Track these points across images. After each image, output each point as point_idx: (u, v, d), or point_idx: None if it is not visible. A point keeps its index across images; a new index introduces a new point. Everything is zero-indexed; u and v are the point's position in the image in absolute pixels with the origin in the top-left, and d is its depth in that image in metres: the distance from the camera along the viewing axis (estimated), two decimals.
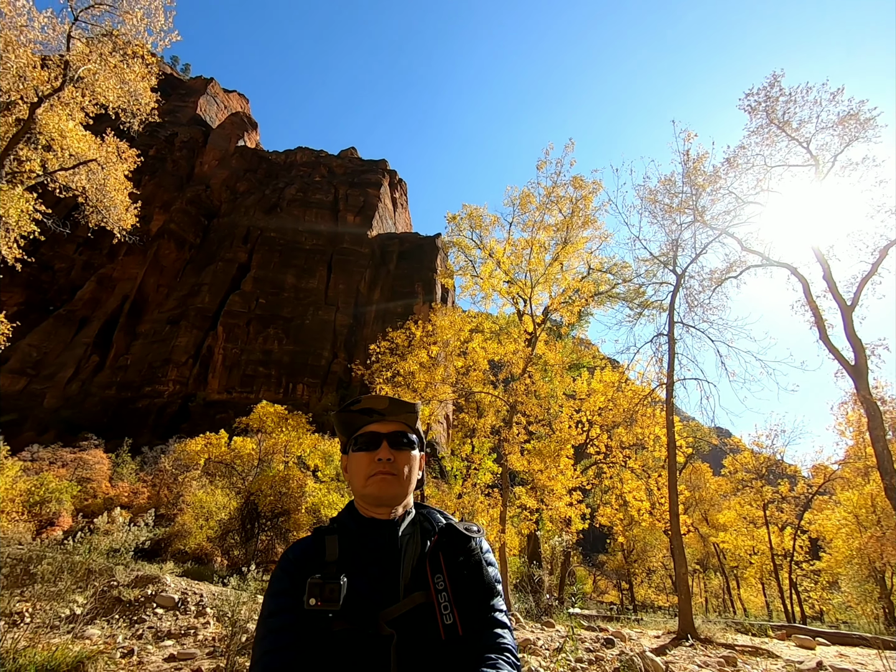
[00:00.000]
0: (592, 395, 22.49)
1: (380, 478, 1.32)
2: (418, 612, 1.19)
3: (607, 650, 6.71)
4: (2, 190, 16.68)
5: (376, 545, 1.30)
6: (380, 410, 1.38)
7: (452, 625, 1.17)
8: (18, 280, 78.28)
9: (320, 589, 1.15)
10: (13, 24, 15.70)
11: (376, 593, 1.21)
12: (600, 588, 43.77)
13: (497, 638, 1.22)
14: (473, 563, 1.28)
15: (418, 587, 1.22)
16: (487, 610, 1.28)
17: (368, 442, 1.36)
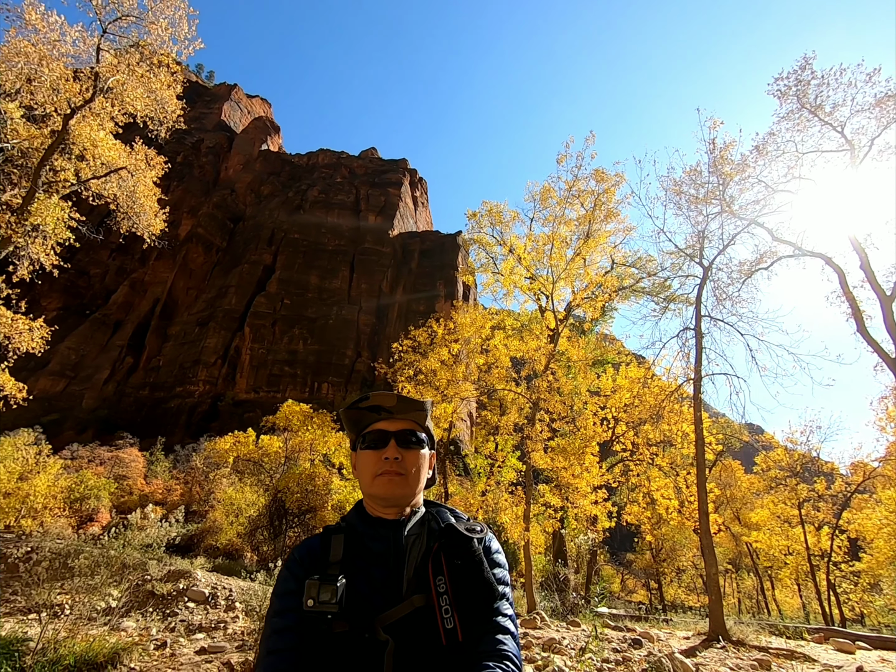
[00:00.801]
0: (618, 392, 22.12)
1: (387, 478, 1.29)
2: (418, 615, 1.16)
3: (634, 651, 6.59)
4: (39, 199, 17.39)
5: (381, 545, 1.28)
6: (388, 408, 1.36)
7: (453, 629, 1.13)
8: (57, 286, 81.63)
9: (317, 590, 1.14)
10: (47, 40, 16.27)
11: (378, 595, 1.19)
12: (628, 587, 43.10)
13: (497, 645, 1.15)
14: (473, 565, 1.22)
15: (420, 589, 1.19)
16: (489, 614, 1.21)
17: (376, 440, 1.34)
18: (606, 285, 15.04)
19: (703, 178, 13.53)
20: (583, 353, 13.79)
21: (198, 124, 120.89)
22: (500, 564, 1.32)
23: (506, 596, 1.27)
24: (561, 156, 14.16)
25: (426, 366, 14.10)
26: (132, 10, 16.86)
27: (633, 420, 20.67)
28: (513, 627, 1.22)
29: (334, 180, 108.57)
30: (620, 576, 43.12)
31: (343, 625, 1.14)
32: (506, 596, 1.27)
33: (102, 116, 17.92)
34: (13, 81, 16.92)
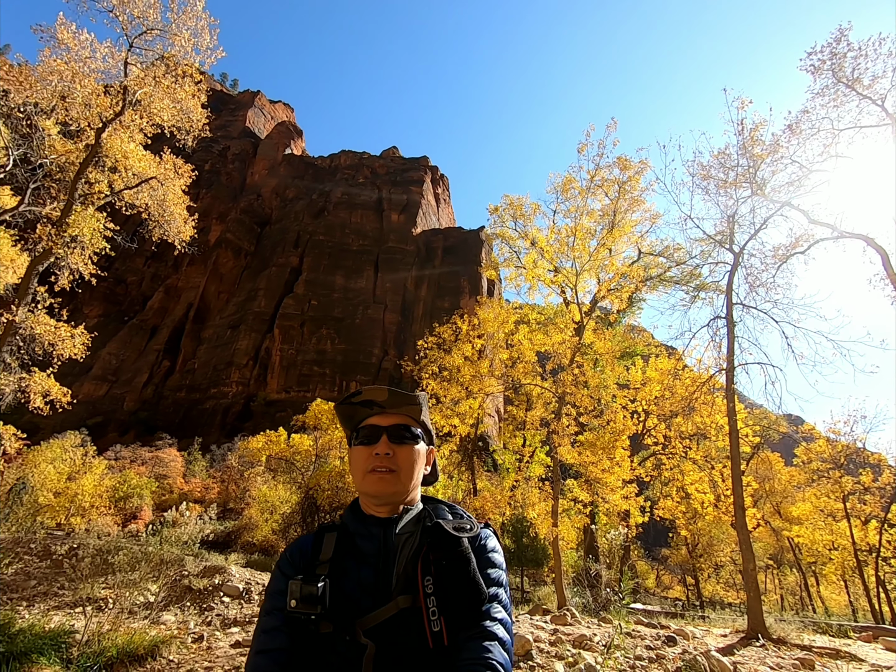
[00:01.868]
0: (648, 384, 21.63)
1: (377, 476, 1.25)
2: (403, 617, 1.12)
3: (668, 648, 6.43)
4: (76, 211, 18.12)
5: (371, 544, 1.25)
6: (380, 402, 1.32)
7: (440, 632, 1.08)
8: (97, 294, 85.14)
9: (299, 590, 1.12)
10: (78, 57, 16.90)
11: (366, 595, 1.16)
12: (664, 583, 42.24)
13: (483, 652, 1.07)
14: (459, 566, 1.15)
15: (408, 590, 1.14)
16: (476, 618, 1.13)
17: (368, 435, 1.30)
18: (632, 275, 14.68)
19: (733, 160, 13.06)
20: (609, 346, 13.49)
21: (224, 132, 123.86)
22: (495, 565, 1.25)
23: (497, 598, 1.19)
24: (582, 145, 13.86)
25: (450, 362, 14.08)
26: (156, 24, 17.33)
27: (664, 413, 20.21)
28: (502, 632, 1.14)
29: (356, 181, 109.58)
30: (656, 572, 42.31)
31: (328, 625, 1.12)
32: (497, 598, 1.19)
33: (132, 129, 18.51)
34: (48, 99, 17.65)
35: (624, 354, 22.93)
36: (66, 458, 32.00)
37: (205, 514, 8.89)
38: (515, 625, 7.03)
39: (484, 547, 1.26)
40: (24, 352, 16.77)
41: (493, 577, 1.22)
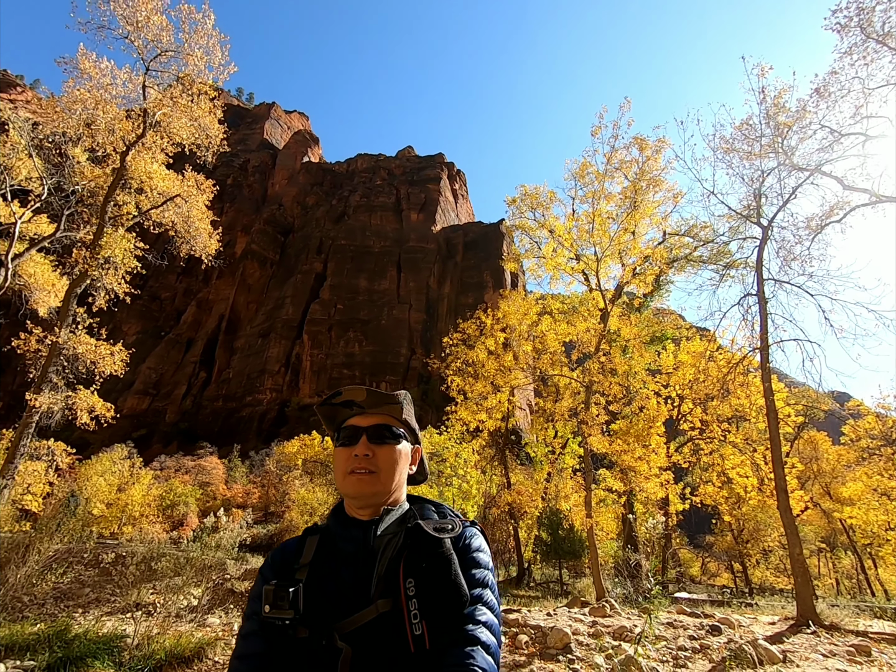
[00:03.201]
0: (680, 368, 21.08)
1: (356, 477, 1.23)
2: (383, 620, 1.09)
3: (713, 638, 6.25)
4: (107, 234, 18.85)
5: (351, 546, 1.22)
6: (359, 403, 1.30)
7: (421, 636, 1.05)
8: (134, 312, 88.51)
9: (273, 596, 1.11)
10: (100, 84, 17.54)
11: (344, 598, 1.14)
12: (710, 571, 41.16)
13: (465, 658, 1.03)
14: (440, 567, 1.12)
15: (389, 593, 1.11)
16: (458, 622, 1.09)
17: (348, 436, 1.28)
18: (656, 257, 14.28)
19: (756, 131, 12.54)
20: (636, 331, 13.16)
21: (243, 146, 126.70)
22: (480, 565, 1.21)
23: (482, 599, 1.15)
24: (595, 128, 13.53)
25: (473, 357, 14.01)
26: (170, 46, 17.78)
27: (699, 397, 19.69)
28: (486, 636, 1.09)
29: (374, 183, 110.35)
30: (701, 559, 41.28)
31: (305, 630, 1.10)
32: (482, 599, 1.15)
33: (154, 150, 19.09)
34: (75, 128, 18.36)
35: (654, 339, 22.40)
36: (114, 470, 33.46)
37: (240, 519, 9.14)
38: (553, 618, 6.97)
39: (468, 547, 1.22)
40: (68, 371, 17.58)
41: (478, 578, 1.18)
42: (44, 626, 6.41)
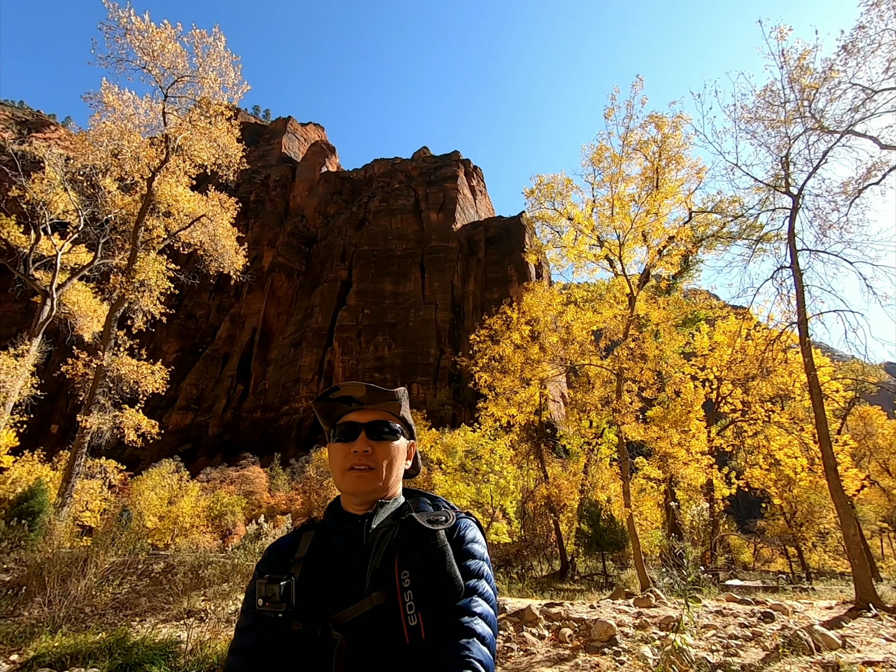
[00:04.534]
0: (717, 349, 20.41)
1: (356, 474, 1.24)
2: (378, 613, 1.09)
3: (765, 625, 6.03)
4: (140, 258, 19.61)
5: (344, 540, 1.23)
6: (358, 399, 1.30)
7: (416, 627, 1.05)
8: (172, 331, 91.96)
9: (265, 590, 1.12)
10: (124, 115, 18.25)
11: (337, 592, 1.15)
12: (764, 557, 39.71)
13: (460, 651, 1.03)
14: (433, 559, 1.12)
15: (384, 586, 1.12)
16: (453, 614, 1.09)
17: (346, 432, 1.28)
18: (681, 237, 13.85)
19: (780, 96, 12.02)
20: (664, 314, 12.78)
21: (263, 162, 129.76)
22: (475, 556, 1.20)
23: (477, 591, 1.14)
24: (608, 109, 13.20)
25: (499, 352, 13.92)
26: (186, 71, 18.33)
27: (738, 377, 19.02)
28: (481, 628, 1.08)
29: (392, 187, 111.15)
30: (753, 545, 39.89)
31: (298, 623, 1.11)
32: (477, 591, 1.14)
33: (178, 173, 19.72)
34: (104, 159, 19.15)
35: (686, 321, 21.77)
36: (164, 484, 34.82)
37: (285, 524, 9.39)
38: (597, 610, 6.87)
39: (462, 538, 1.22)
40: (114, 392, 18.37)
41: (473, 569, 1.17)
42: (104, 634, 6.74)
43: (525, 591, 10.41)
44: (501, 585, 10.91)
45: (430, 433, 25.00)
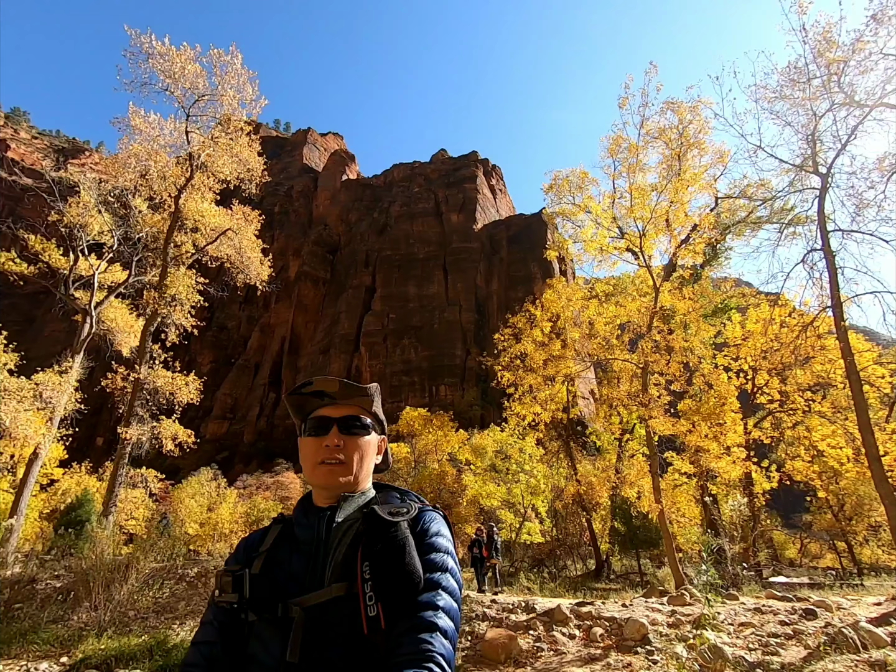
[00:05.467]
0: (750, 338, 19.70)
1: (327, 468, 1.24)
2: (338, 603, 1.09)
3: (808, 622, 5.77)
4: (171, 273, 20.30)
5: (306, 533, 1.24)
6: (331, 394, 1.31)
7: (376, 617, 1.04)
8: (206, 343, 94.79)
9: (220, 581, 1.15)
10: (150, 137, 18.94)
11: (294, 583, 1.16)
12: (811, 552, 38.07)
13: (421, 644, 1.02)
14: (393, 551, 1.11)
15: (345, 577, 1.12)
16: (416, 607, 1.07)
17: (318, 426, 1.29)
18: (704, 225, 13.43)
19: (804, 73, 11.56)
20: (690, 304, 12.40)
21: (285, 174, 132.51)
22: (439, 549, 1.18)
23: (440, 584, 1.12)
24: (622, 99, 12.92)
25: (521, 350, 13.80)
26: (206, 90, 18.88)
27: (774, 367, 18.33)
28: (444, 622, 1.07)
29: (412, 191, 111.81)
30: (800, 541, 38.31)
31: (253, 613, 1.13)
32: (440, 584, 1.12)
33: (202, 189, 20.32)
34: (133, 180, 19.91)
35: (717, 311, 21.13)
36: (203, 491, 35.90)
37: None
38: (628, 609, 6.73)
39: (426, 531, 1.21)
40: (151, 404, 19.04)
41: (436, 562, 1.16)
42: (146, 637, 6.98)
43: (557, 591, 10.29)
44: (532, 585, 10.82)
45: (459, 434, 24.98)
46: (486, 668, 5.64)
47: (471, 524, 20.43)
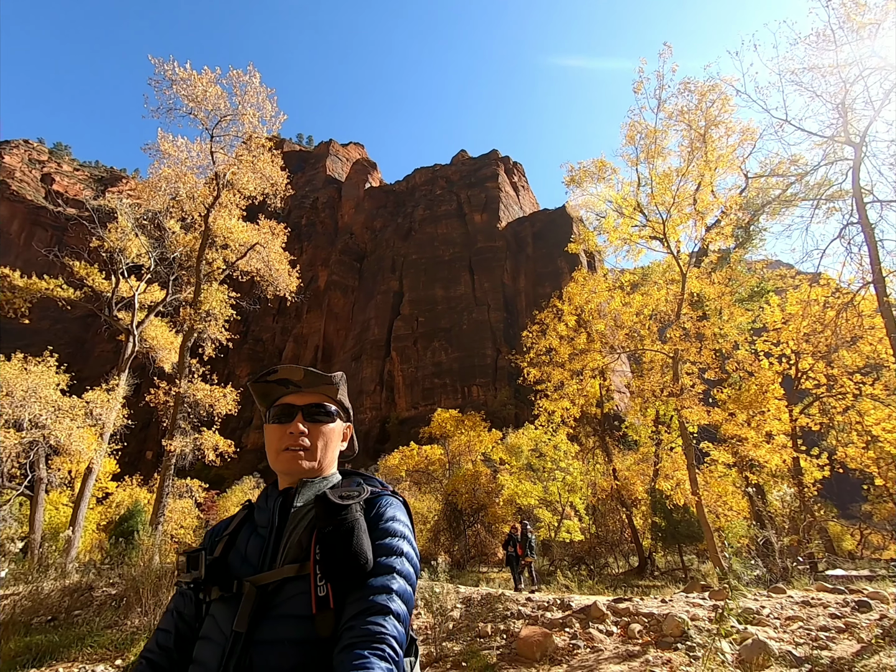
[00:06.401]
0: (791, 321, 18.85)
1: (290, 454, 1.26)
2: (290, 583, 1.12)
3: (861, 615, 5.46)
4: (204, 290, 21.06)
5: (264, 516, 1.27)
6: (296, 382, 1.33)
7: (325, 597, 1.06)
8: (243, 356, 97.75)
9: (178, 563, 1.21)
10: (178, 160, 19.73)
11: (248, 564, 1.19)
12: (872, 543, 36.03)
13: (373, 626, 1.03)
14: (340, 533, 1.11)
15: (298, 559, 1.15)
16: (368, 591, 1.08)
17: (282, 414, 1.31)
18: (731, 206, 12.94)
19: (832, 39, 11.02)
20: (719, 289, 11.94)
21: (310, 186, 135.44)
22: (394, 533, 1.19)
23: (394, 568, 1.13)
24: (637, 83, 12.57)
25: (545, 345, 13.62)
26: (228, 111, 19.51)
27: (819, 350, 17.48)
28: (397, 605, 1.08)
29: (434, 194, 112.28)
30: (859, 532, 36.34)
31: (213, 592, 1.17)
32: (394, 568, 1.13)
33: (230, 207, 21.01)
34: (164, 202, 20.80)
35: (753, 294, 20.32)
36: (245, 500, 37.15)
37: None
38: (668, 605, 6.55)
39: (380, 516, 1.22)
40: (192, 416, 19.81)
41: (391, 546, 1.16)
42: None
43: (595, 589, 10.10)
44: (570, 583, 10.66)
45: (492, 434, 24.85)
46: (522, 666, 5.60)
47: (508, 524, 20.32)
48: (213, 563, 1.21)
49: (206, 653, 1.13)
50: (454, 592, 8.17)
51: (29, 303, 21.74)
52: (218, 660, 1.08)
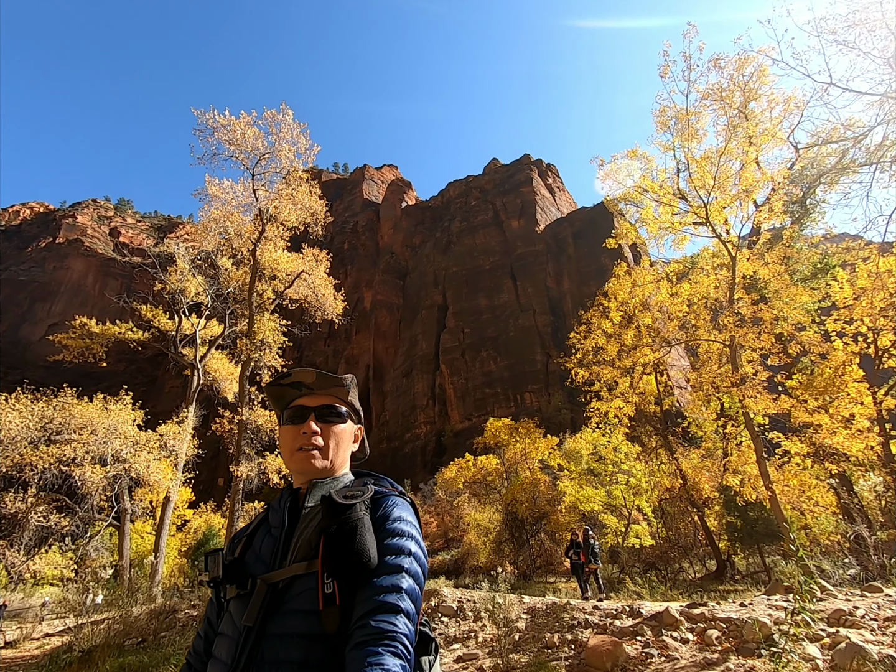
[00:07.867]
0: (864, 296, 17.41)
1: (303, 454, 1.32)
2: (298, 580, 1.16)
3: None
4: (257, 320, 22.15)
5: (277, 516, 1.32)
6: (308, 384, 1.39)
7: (332, 594, 1.09)
8: None
9: (201, 564, 1.27)
10: (225, 201, 21.00)
11: (260, 563, 1.24)
12: None
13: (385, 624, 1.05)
14: (344, 532, 1.15)
15: (307, 557, 1.18)
16: (375, 590, 1.10)
17: (295, 415, 1.37)
18: (779, 181, 12.19)
19: None
20: (775, 269, 11.19)
21: (350, 212, 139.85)
22: (401, 533, 1.21)
23: (402, 567, 1.15)
24: (663, 67, 12.12)
25: (591, 344, 13.26)
26: (265, 150, 20.59)
27: None
28: (407, 604, 1.10)
29: (470, 205, 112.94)
30: None
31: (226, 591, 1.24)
32: (402, 567, 1.15)
33: (274, 239, 22.07)
34: (215, 242, 22.11)
35: (816, 271, 18.98)
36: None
37: None
38: (748, 609, 6.14)
39: (386, 516, 1.24)
40: (255, 441, 20.75)
41: (398, 546, 1.18)
42: None
43: (668, 595, 9.56)
44: (641, 590, 10.17)
45: (547, 440, 24.32)
46: None
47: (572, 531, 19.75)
48: (231, 563, 1.28)
49: (221, 647, 1.20)
50: (518, 603, 8.01)
51: (105, 347, 23.56)
52: (231, 653, 1.15)
